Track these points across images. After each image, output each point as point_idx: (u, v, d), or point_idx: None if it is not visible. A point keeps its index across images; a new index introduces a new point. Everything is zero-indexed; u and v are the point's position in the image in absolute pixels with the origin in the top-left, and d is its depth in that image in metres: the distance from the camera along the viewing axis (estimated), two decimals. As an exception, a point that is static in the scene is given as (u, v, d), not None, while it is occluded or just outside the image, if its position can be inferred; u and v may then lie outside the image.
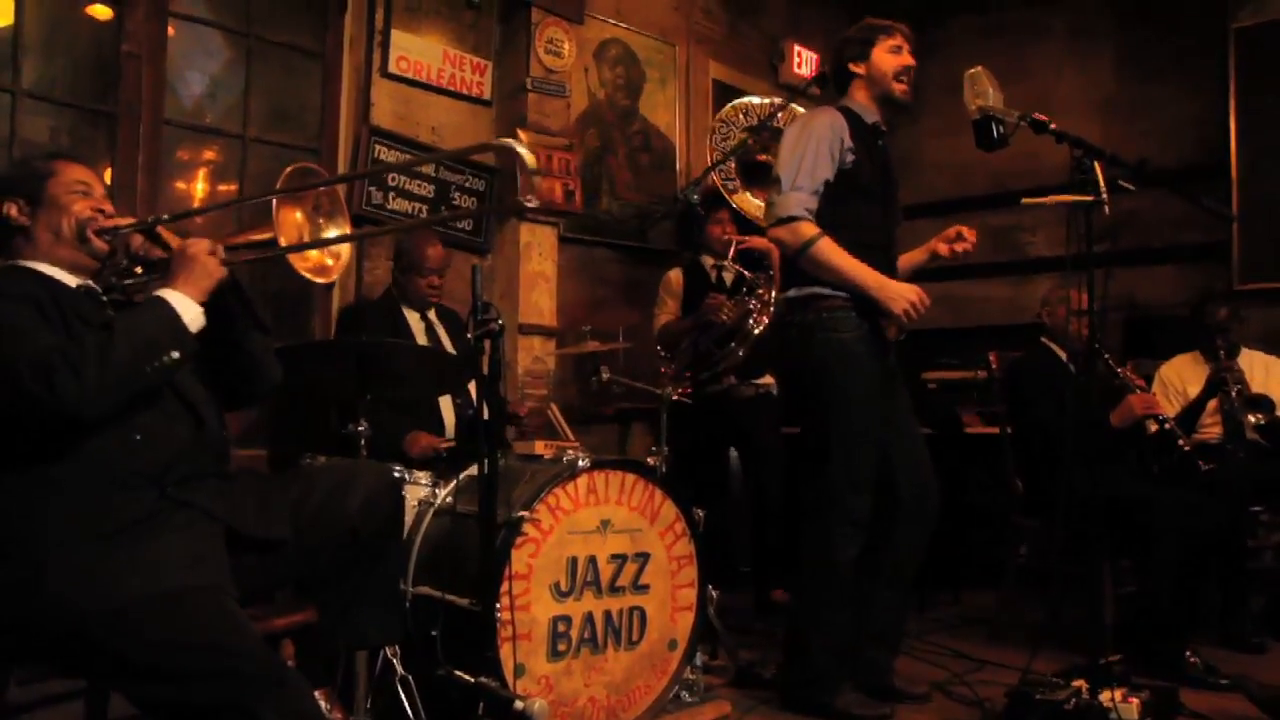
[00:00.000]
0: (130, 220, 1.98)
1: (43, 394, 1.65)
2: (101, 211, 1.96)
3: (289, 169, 2.00)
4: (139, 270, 1.97)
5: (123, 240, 1.95)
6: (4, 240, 1.95)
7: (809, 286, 2.79)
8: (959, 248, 2.95)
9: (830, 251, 2.71)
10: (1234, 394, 3.87)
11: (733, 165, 4.26)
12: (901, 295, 2.71)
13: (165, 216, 1.97)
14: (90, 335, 1.77)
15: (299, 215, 1.95)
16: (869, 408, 2.77)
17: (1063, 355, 3.84)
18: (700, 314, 4.02)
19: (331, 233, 2.01)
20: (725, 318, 3.92)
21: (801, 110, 4.16)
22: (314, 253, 1.99)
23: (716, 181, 4.20)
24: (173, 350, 1.78)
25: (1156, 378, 4.16)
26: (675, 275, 4.32)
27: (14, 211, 1.92)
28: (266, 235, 1.94)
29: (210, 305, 1.86)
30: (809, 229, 2.72)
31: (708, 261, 4.29)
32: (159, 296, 1.82)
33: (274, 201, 1.94)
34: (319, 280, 2.00)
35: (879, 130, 2.91)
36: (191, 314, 1.82)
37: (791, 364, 2.99)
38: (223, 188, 3.78)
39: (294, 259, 1.98)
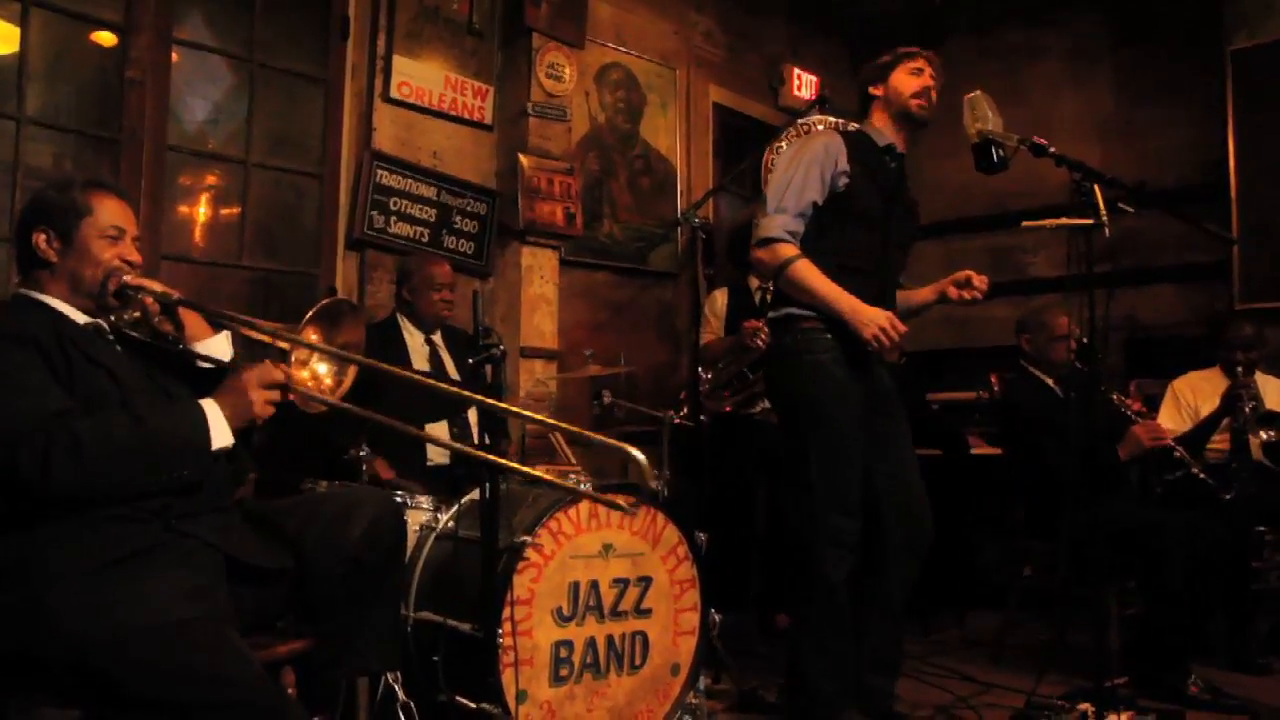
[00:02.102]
0: (153, 287, 1.95)
1: (33, 473, 1.65)
2: (128, 263, 1.94)
3: (324, 301, 1.98)
4: (144, 326, 1.96)
5: (139, 298, 1.93)
6: (27, 264, 1.94)
7: (786, 308, 2.78)
8: (968, 294, 2.93)
9: (805, 273, 2.70)
10: (1248, 409, 3.83)
11: None
12: (873, 320, 2.66)
13: (183, 300, 1.96)
14: (109, 419, 1.74)
15: (315, 337, 1.95)
16: (848, 428, 2.74)
17: (1049, 380, 3.80)
18: (737, 338, 4.05)
19: (322, 367, 2.01)
20: (760, 343, 3.93)
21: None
22: (309, 378, 1.99)
23: None
24: (185, 469, 1.78)
25: (1169, 390, 4.11)
26: (720, 295, 4.35)
27: (42, 242, 1.90)
28: (281, 345, 1.92)
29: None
30: (787, 250, 2.72)
31: (753, 283, 4.31)
32: (201, 410, 1.80)
33: (304, 325, 1.93)
34: (301, 405, 1.96)
35: (892, 152, 2.88)
36: (223, 440, 1.81)
37: (772, 386, 2.99)
38: (225, 211, 3.80)
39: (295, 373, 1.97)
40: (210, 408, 1.81)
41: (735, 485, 4.23)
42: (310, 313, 1.92)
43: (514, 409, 2.68)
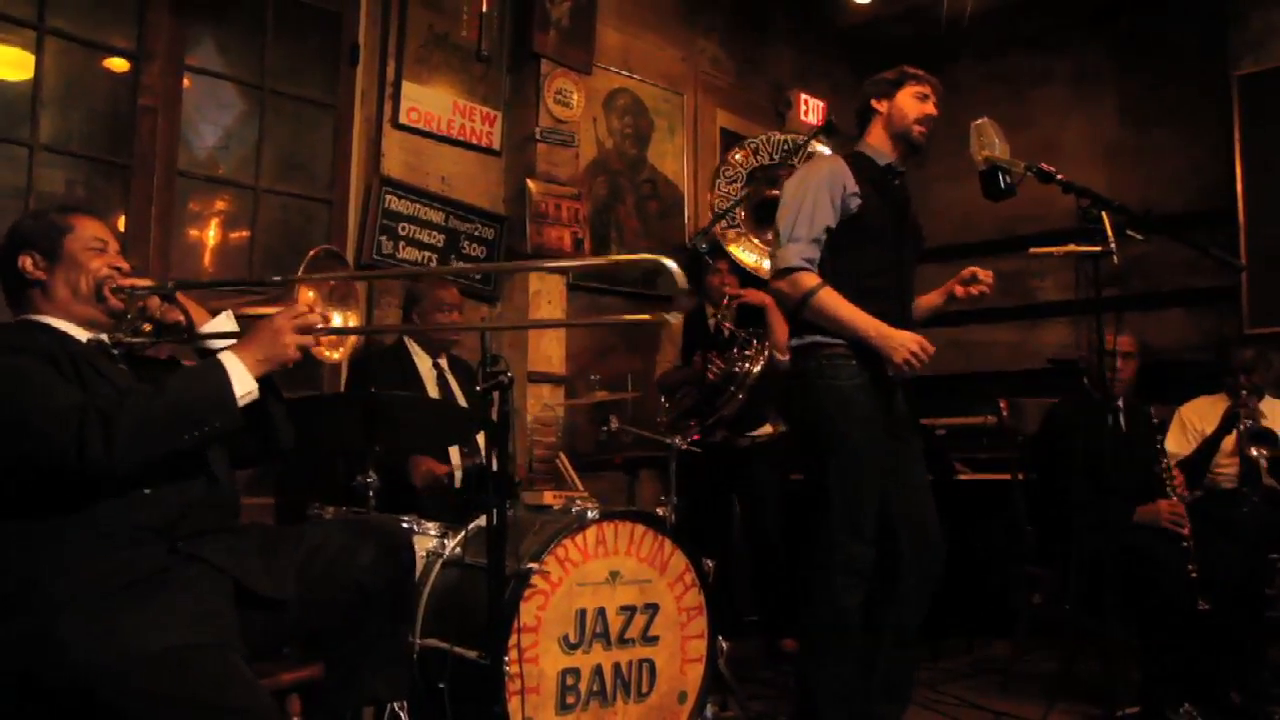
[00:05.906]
0: (148, 283, 1.98)
1: (69, 448, 1.65)
2: (119, 269, 1.96)
3: (313, 251, 2.01)
4: (148, 328, 1.97)
5: (138, 300, 1.95)
6: (17, 292, 1.95)
7: (810, 335, 2.77)
8: (975, 290, 2.92)
9: (830, 301, 2.69)
10: (1242, 427, 3.81)
11: (740, 209, 4.24)
12: (902, 344, 2.66)
13: (181, 283, 1.97)
14: (130, 392, 1.76)
15: (312, 295, 1.99)
16: (869, 456, 2.73)
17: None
18: (690, 368, 4.02)
19: (337, 318, 2.04)
20: (711, 375, 3.89)
21: (822, 147, 4.13)
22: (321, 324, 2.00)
23: (716, 229, 4.19)
24: (215, 422, 1.78)
25: (1176, 417, 4.10)
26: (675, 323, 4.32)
27: (29, 265, 1.92)
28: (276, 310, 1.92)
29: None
30: (809, 280, 2.71)
31: (709, 310, 4.30)
32: (218, 362, 1.81)
33: (295, 283, 1.96)
34: (327, 356, 1.99)
35: (893, 171, 2.88)
36: (246, 388, 1.81)
37: (793, 412, 2.98)
38: (234, 236, 3.82)
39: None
40: (228, 359, 1.81)
41: (711, 511, 4.20)
42: (300, 268, 1.96)
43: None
